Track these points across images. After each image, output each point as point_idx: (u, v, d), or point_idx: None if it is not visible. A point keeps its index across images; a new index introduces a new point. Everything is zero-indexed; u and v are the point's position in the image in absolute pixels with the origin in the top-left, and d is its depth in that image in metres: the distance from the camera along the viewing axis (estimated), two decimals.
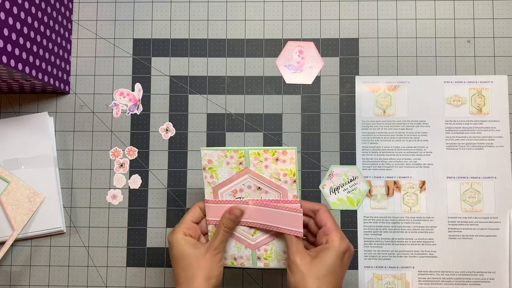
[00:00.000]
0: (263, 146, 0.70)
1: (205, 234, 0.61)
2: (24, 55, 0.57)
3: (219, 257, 0.56)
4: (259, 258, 0.60)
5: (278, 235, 0.59)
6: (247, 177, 0.58)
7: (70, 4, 0.72)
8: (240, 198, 0.59)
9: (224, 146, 0.70)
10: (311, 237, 0.59)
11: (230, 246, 0.60)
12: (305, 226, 0.59)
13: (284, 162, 0.57)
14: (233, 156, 0.58)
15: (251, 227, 0.59)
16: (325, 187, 0.69)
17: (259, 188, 0.58)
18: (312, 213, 0.58)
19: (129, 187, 0.71)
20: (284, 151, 0.57)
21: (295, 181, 0.57)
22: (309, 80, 0.71)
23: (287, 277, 0.55)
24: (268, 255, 0.60)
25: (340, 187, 0.69)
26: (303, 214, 0.57)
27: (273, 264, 0.60)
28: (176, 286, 0.57)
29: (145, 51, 0.72)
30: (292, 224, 0.56)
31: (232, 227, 0.58)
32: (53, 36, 0.66)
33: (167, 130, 0.71)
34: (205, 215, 0.60)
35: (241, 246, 0.60)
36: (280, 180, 0.57)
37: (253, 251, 0.60)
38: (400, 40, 0.71)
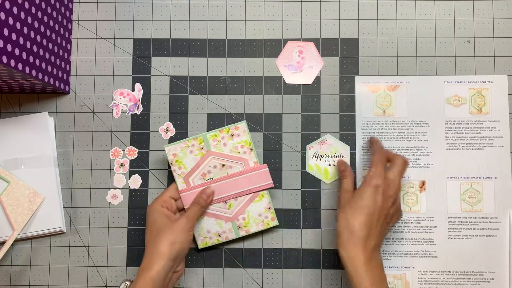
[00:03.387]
0: (264, 146, 0.70)
1: (180, 210, 0.66)
2: (24, 55, 0.57)
3: (188, 226, 0.61)
4: (239, 227, 0.66)
5: (250, 201, 0.66)
6: (211, 158, 0.65)
7: (70, 4, 0.72)
8: (210, 179, 0.65)
9: None
10: None
11: (212, 224, 0.66)
12: None
13: (239, 136, 0.65)
14: (194, 144, 0.65)
15: (226, 201, 0.65)
16: (311, 149, 0.69)
17: (224, 165, 0.65)
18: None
19: (129, 187, 0.71)
20: (236, 126, 0.66)
21: (252, 149, 0.65)
22: (309, 80, 0.71)
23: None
24: (247, 222, 0.66)
25: (324, 156, 0.69)
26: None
27: (252, 229, 0.66)
28: (144, 251, 0.60)
29: (145, 51, 0.72)
30: (261, 181, 0.65)
31: (204, 205, 0.64)
32: (53, 36, 0.66)
33: (167, 130, 0.71)
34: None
35: (221, 221, 0.66)
36: (239, 152, 0.65)
37: (233, 223, 0.66)
38: (400, 40, 0.71)
